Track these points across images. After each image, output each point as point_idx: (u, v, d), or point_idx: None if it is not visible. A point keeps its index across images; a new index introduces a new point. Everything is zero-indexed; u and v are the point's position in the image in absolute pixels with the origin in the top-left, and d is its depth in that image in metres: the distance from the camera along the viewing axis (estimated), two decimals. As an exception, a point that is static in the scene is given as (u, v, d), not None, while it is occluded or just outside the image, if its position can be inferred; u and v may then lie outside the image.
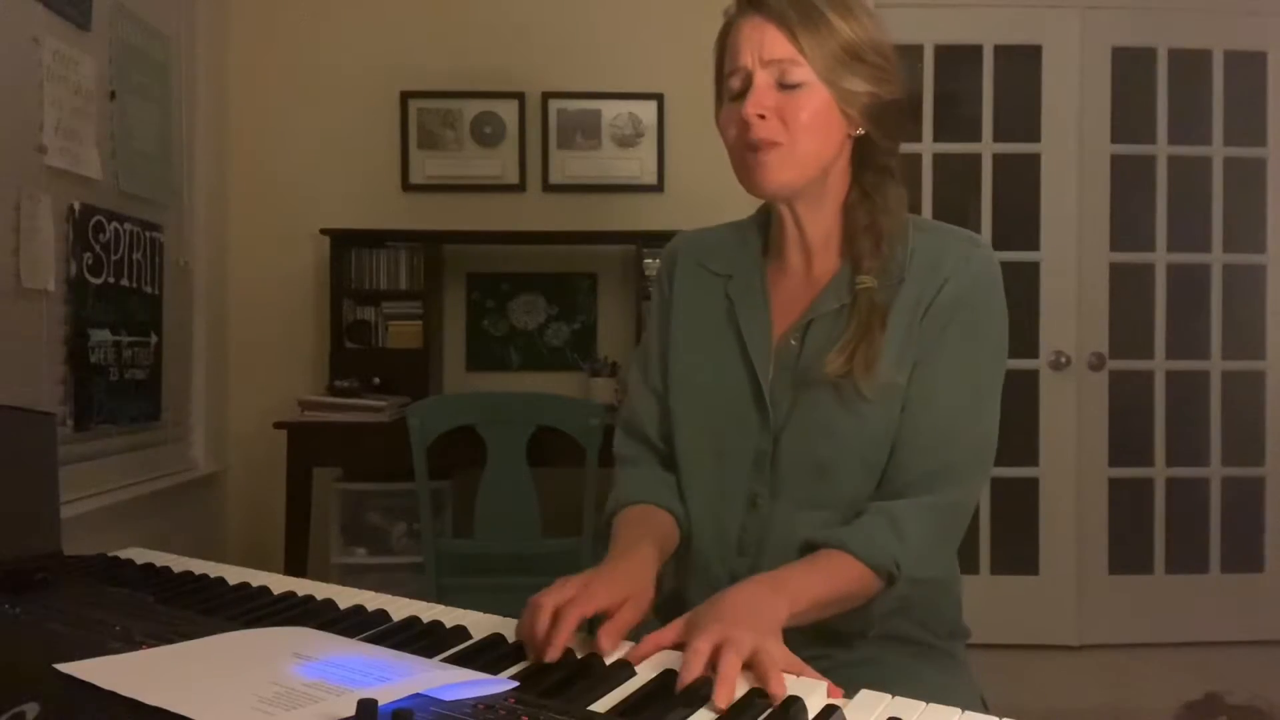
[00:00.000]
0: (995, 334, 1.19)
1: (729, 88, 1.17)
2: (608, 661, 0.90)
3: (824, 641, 1.15)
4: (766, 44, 1.13)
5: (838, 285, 1.20)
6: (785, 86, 1.13)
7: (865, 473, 1.16)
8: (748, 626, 0.87)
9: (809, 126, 1.13)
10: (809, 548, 1.11)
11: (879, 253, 1.17)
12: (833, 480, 1.16)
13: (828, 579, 1.06)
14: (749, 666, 0.84)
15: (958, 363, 1.16)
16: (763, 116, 1.12)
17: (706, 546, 1.24)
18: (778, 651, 0.86)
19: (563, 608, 0.93)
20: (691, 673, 0.83)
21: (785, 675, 0.84)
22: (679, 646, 0.90)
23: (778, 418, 1.19)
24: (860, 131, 1.17)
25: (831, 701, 0.81)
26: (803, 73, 1.12)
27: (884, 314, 1.15)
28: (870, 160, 1.20)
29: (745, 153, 1.15)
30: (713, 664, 0.84)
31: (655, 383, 1.32)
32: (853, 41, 1.13)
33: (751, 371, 1.21)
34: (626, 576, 1.04)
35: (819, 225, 1.21)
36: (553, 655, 0.89)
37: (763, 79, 1.13)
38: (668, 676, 0.85)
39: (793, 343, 1.20)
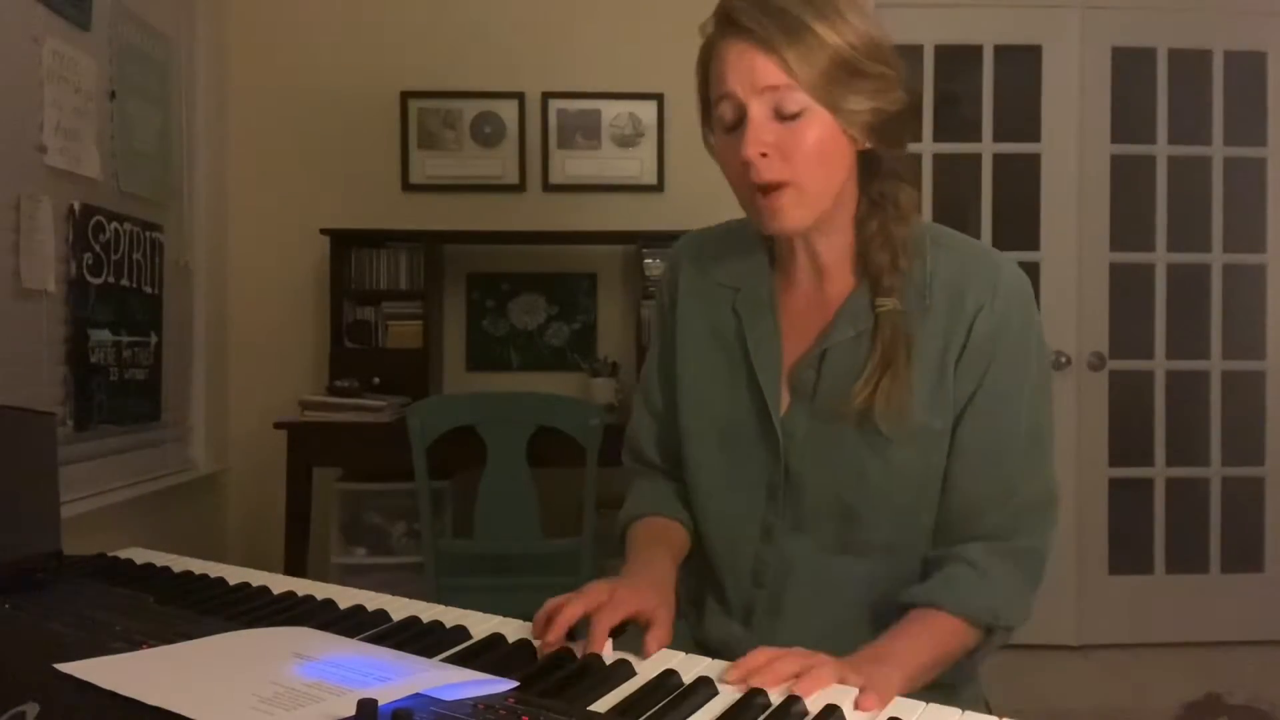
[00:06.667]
0: (1041, 365, 1.14)
1: (720, 116, 1.07)
2: (608, 661, 0.90)
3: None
4: (758, 72, 1.02)
5: (853, 308, 1.13)
6: (784, 117, 1.03)
7: (895, 517, 1.12)
8: (850, 668, 0.87)
9: (814, 158, 1.05)
10: (902, 608, 1.07)
11: (897, 269, 1.10)
12: (862, 525, 1.12)
13: (931, 642, 1.02)
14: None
15: (1013, 405, 1.11)
16: (764, 155, 1.04)
17: (722, 570, 1.22)
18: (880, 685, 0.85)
19: (594, 612, 0.94)
20: (753, 660, 0.85)
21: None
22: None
23: (789, 448, 1.14)
24: (866, 146, 1.09)
25: (831, 701, 0.81)
26: (800, 99, 1.03)
27: (909, 343, 1.08)
28: (876, 168, 1.13)
29: (754, 195, 1.07)
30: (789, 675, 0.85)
31: (655, 401, 1.30)
32: (846, 53, 1.03)
33: (760, 399, 1.16)
34: (652, 587, 1.04)
35: (832, 248, 1.14)
36: (596, 648, 0.90)
37: (758, 111, 1.03)
38: (668, 676, 0.85)
39: (810, 372, 1.14)
